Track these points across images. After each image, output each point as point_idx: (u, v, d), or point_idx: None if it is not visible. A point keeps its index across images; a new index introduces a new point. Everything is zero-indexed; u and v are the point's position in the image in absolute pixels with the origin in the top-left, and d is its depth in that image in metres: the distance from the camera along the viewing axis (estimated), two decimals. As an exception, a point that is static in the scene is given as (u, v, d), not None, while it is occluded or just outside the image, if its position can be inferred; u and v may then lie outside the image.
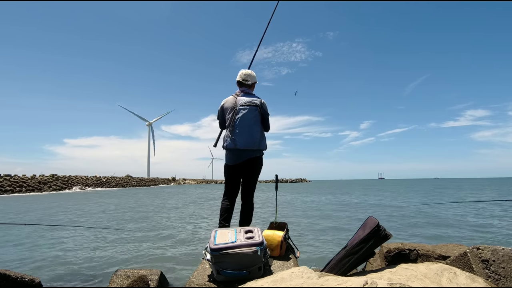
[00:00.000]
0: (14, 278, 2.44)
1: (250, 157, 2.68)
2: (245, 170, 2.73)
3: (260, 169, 2.81)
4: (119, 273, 2.92)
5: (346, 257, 2.05)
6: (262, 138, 2.76)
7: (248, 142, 2.63)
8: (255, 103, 2.72)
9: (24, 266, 4.92)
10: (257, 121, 2.72)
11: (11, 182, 39.48)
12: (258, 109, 2.72)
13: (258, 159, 2.75)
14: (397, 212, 11.89)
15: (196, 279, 2.04)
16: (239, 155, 2.67)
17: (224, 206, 2.77)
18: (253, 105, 2.70)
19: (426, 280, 1.51)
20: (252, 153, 2.68)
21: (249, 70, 2.93)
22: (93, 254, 5.66)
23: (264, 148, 2.77)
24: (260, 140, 2.71)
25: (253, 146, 2.66)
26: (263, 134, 2.79)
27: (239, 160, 2.69)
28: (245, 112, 2.67)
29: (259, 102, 2.75)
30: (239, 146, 2.63)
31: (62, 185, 47.43)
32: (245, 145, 2.63)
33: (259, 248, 1.89)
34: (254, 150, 2.68)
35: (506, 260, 1.71)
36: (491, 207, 12.88)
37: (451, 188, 36.23)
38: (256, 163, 2.74)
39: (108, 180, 61.90)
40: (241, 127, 2.64)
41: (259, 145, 2.70)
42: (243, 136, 2.63)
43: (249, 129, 2.64)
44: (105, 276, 4.27)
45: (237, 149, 2.65)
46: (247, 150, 2.65)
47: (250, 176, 2.77)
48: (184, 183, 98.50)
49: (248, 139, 2.64)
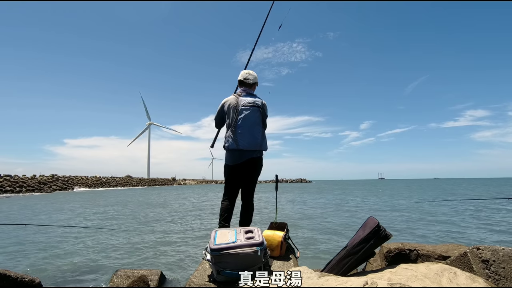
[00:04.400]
0: (14, 278, 2.44)
1: (251, 157, 2.67)
2: (246, 170, 2.72)
3: (260, 169, 2.80)
4: (119, 273, 2.92)
5: (346, 257, 2.05)
6: (264, 139, 2.75)
7: (250, 143, 2.62)
8: (257, 104, 2.71)
9: (24, 266, 4.92)
10: (259, 122, 2.70)
11: (11, 183, 39.50)
12: (260, 110, 2.71)
13: (258, 160, 2.74)
14: (397, 212, 11.89)
15: (196, 279, 2.04)
16: (240, 155, 2.66)
17: (224, 206, 2.76)
18: (256, 106, 2.69)
19: (426, 280, 1.51)
20: (252, 153, 2.67)
21: (250, 70, 2.92)
22: (93, 254, 5.66)
23: (265, 149, 2.76)
24: (262, 141, 2.71)
25: (255, 147, 2.64)
26: (264, 135, 2.78)
27: (239, 161, 2.67)
28: (248, 113, 2.65)
29: (261, 103, 2.75)
30: (241, 147, 2.61)
31: (62, 185, 47.45)
32: (247, 146, 2.61)
33: (259, 248, 1.89)
34: (255, 151, 2.67)
35: (507, 260, 1.71)
36: (491, 207, 12.87)
37: (449, 187, 36.23)
38: (257, 164, 2.74)
39: (108, 180, 61.93)
40: (243, 128, 2.62)
41: (260, 146, 2.69)
42: (246, 137, 2.61)
43: (251, 130, 2.63)
44: (105, 276, 4.27)
45: (239, 149, 2.63)
46: (248, 151, 2.64)
47: (250, 176, 2.76)
48: (184, 184, 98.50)
49: (251, 140, 2.62)
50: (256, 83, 2.94)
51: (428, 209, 12.76)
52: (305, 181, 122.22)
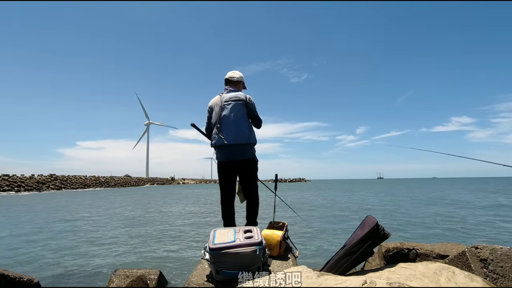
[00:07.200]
0: (13, 278, 2.43)
1: (243, 159, 2.61)
2: (240, 171, 2.67)
3: (255, 168, 2.75)
4: (118, 273, 2.91)
5: (345, 256, 2.05)
6: (251, 132, 2.67)
7: (236, 137, 2.55)
8: (240, 98, 2.67)
9: (22, 266, 4.90)
10: (244, 116, 2.63)
11: (9, 182, 39.39)
12: (243, 103, 2.65)
13: (251, 161, 2.67)
14: (396, 211, 11.91)
15: (195, 279, 2.04)
16: (229, 151, 2.60)
17: (225, 209, 2.72)
18: (238, 99, 2.65)
19: (425, 279, 1.51)
20: (242, 150, 2.60)
21: (236, 70, 2.92)
22: (92, 253, 5.65)
23: (254, 141, 2.67)
24: (250, 134, 2.62)
25: (242, 140, 2.57)
26: (251, 128, 2.70)
27: (230, 157, 2.60)
28: (230, 107, 2.61)
29: (244, 96, 2.69)
30: (227, 142, 2.55)
31: (61, 185, 47.31)
32: (233, 140, 2.55)
33: (258, 248, 1.89)
34: (244, 144, 2.58)
35: (505, 259, 1.71)
36: (491, 206, 12.92)
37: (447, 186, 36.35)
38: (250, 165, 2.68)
39: (107, 180, 61.78)
40: (227, 123, 2.58)
41: (248, 139, 2.60)
42: (231, 131, 2.56)
43: (235, 124, 2.57)
44: (104, 276, 4.26)
45: (225, 145, 2.57)
46: (236, 145, 2.56)
47: (247, 176, 2.71)
48: (183, 183, 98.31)
49: (236, 133, 2.56)
50: (242, 82, 2.91)
51: (428, 209, 12.80)
52: (304, 180, 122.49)
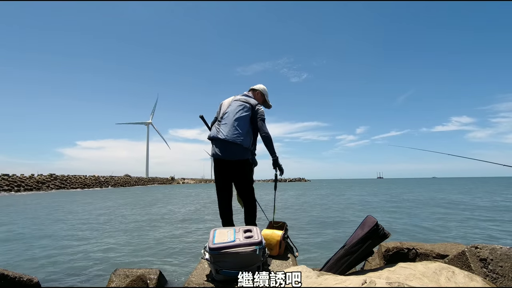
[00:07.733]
0: (12, 278, 2.43)
1: (237, 160, 2.55)
2: (233, 172, 2.63)
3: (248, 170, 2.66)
4: (118, 273, 2.91)
5: (344, 256, 2.05)
6: (248, 136, 2.60)
7: (230, 134, 2.51)
8: (249, 102, 2.68)
9: (22, 265, 4.90)
10: (246, 118, 2.61)
11: (9, 182, 39.36)
12: (250, 108, 2.65)
13: (244, 163, 2.60)
14: (396, 211, 11.92)
15: (195, 279, 2.04)
16: (222, 147, 2.56)
17: (221, 209, 2.70)
18: (246, 102, 2.67)
19: (425, 279, 1.51)
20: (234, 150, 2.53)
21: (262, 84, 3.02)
22: (92, 253, 5.65)
23: (246, 145, 2.56)
24: (245, 136, 2.55)
25: (235, 139, 2.50)
26: (249, 132, 2.63)
27: (222, 154, 2.55)
28: (235, 106, 2.64)
29: (254, 103, 2.69)
30: (220, 136, 2.54)
31: (61, 184, 47.30)
32: (227, 135, 2.51)
33: (258, 248, 1.89)
34: (237, 144, 2.51)
35: (504, 259, 1.71)
36: (491, 206, 12.93)
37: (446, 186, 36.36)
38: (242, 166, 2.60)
39: (107, 180, 61.77)
40: (227, 119, 2.60)
41: (241, 140, 2.52)
42: (227, 127, 2.55)
43: (234, 122, 2.56)
44: (103, 275, 4.26)
45: (218, 138, 2.55)
46: (229, 142, 2.51)
47: (239, 178, 2.66)
48: (183, 183, 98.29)
49: (231, 130, 2.52)
50: (261, 93, 2.95)
51: (427, 208, 12.80)
52: (304, 180, 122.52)
